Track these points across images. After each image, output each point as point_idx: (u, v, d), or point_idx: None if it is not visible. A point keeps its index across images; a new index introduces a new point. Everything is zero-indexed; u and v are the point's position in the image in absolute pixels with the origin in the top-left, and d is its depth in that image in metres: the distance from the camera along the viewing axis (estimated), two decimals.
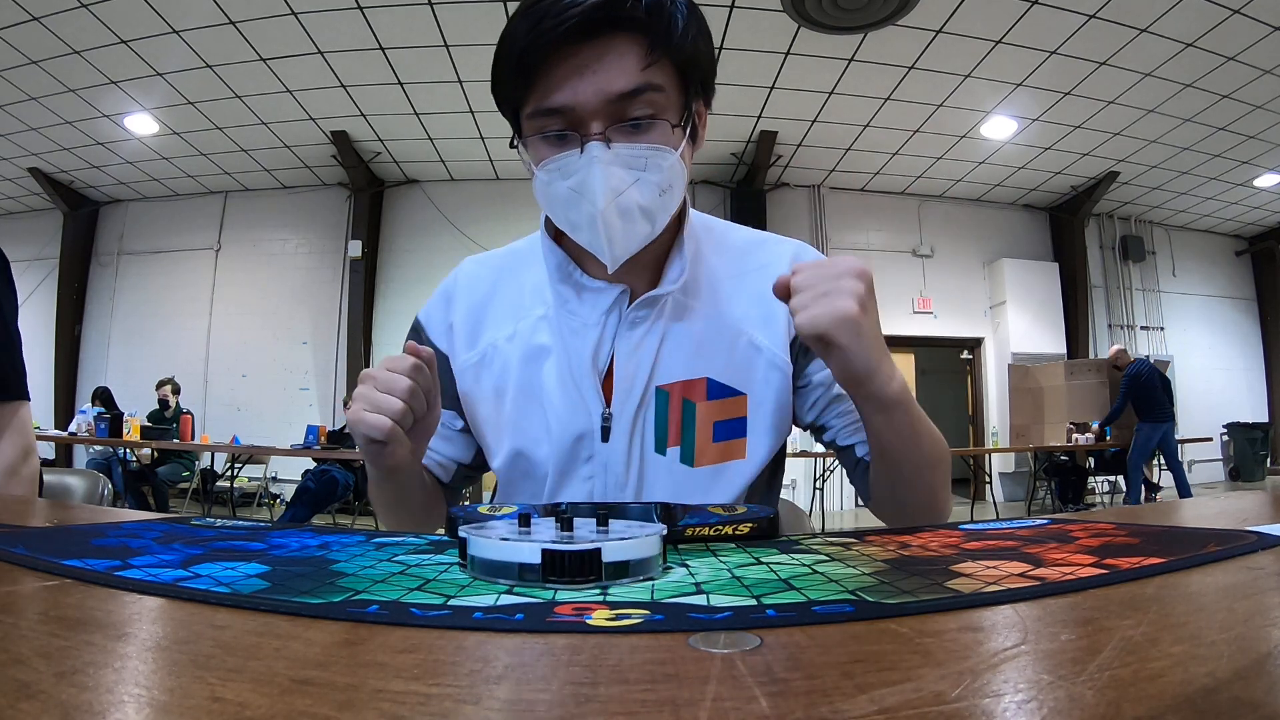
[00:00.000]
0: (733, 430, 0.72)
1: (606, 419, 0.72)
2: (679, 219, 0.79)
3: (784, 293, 0.60)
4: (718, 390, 0.72)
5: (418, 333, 0.82)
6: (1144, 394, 5.97)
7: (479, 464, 0.83)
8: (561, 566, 0.39)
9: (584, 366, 0.72)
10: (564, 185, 0.66)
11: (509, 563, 0.40)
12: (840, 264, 0.61)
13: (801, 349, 0.76)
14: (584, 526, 0.45)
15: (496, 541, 0.41)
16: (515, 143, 0.71)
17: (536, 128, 0.67)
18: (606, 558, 0.39)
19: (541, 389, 0.74)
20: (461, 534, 0.44)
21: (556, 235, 0.77)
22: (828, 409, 0.78)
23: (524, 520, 0.47)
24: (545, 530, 0.44)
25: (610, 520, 0.46)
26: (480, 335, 0.77)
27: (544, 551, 0.39)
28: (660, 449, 0.72)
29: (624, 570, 0.40)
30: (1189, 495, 6.17)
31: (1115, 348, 6.61)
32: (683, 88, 0.68)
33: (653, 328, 0.73)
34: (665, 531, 0.45)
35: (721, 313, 0.75)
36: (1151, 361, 6.47)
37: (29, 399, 1.14)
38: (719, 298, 0.77)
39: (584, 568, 0.39)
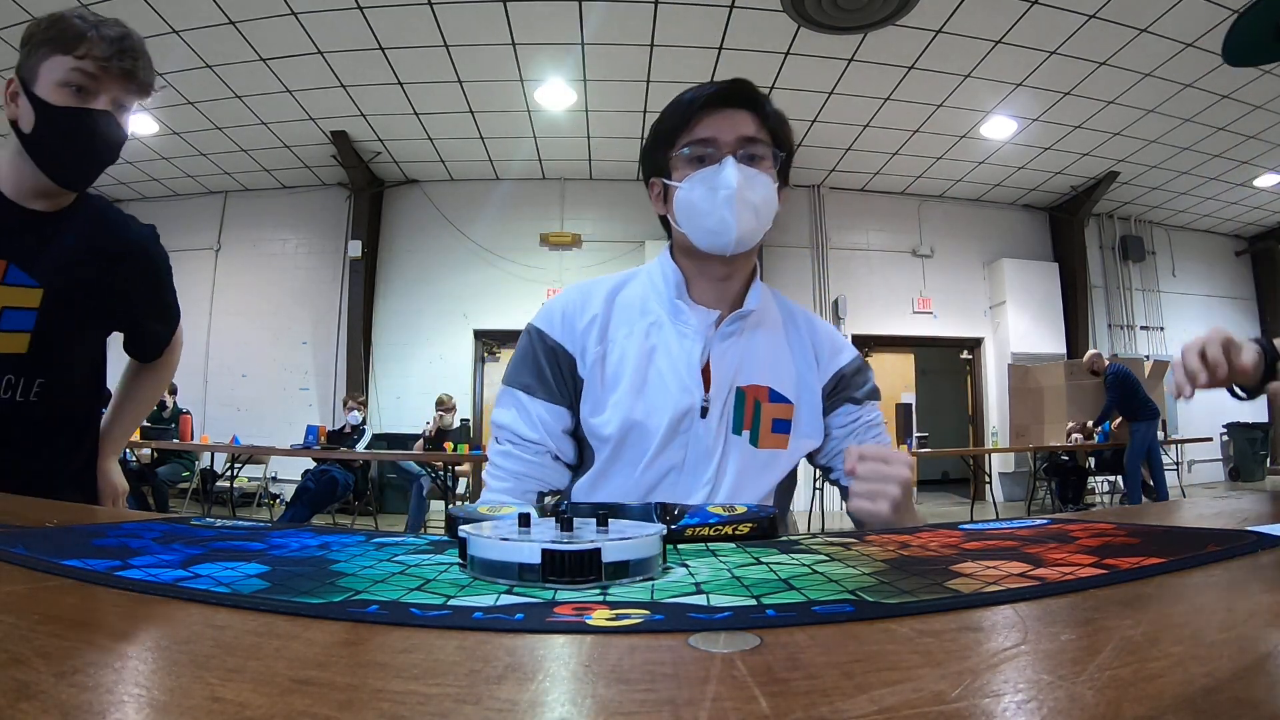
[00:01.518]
0: (782, 428, 0.98)
1: (705, 402, 0.94)
2: (757, 260, 1.08)
3: (850, 471, 0.82)
4: (776, 397, 0.98)
5: (541, 337, 1.01)
6: (1131, 394, 5.99)
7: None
8: (561, 566, 0.39)
9: (693, 362, 0.96)
10: (705, 187, 0.93)
11: (509, 563, 0.40)
12: (891, 470, 0.80)
13: (829, 396, 1.03)
14: (584, 527, 0.45)
15: (496, 541, 0.41)
16: (650, 179, 1.06)
17: (689, 155, 0.96)
18: (606, 558, 0.39)
19: (659, 375, 0.96)
20: (461, 534, 0.44)
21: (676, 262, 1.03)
22: (835, 457, 1.03)
23: (524, 520, 0.47)
24: (545, 530, 0.43)
25: (610, 520, 0.46)
26: (606, 333, 0.99)
27: (544, 551, 0.39)
28: (737, 430, 0.96)
29: (624, 570, 0.40)
30: (1165, 498, 6.18)
31: (1091, 352, 6.56)
32: (774, 155, 0.98)
33: (737, 342, 0.99)
34: (665, 531, 0.45)
35: (781, 345, 1.03)
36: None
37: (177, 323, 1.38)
38: (778, 335, 1.04)
39: (584, 568, 0.39)
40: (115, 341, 1.30)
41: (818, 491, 5.91)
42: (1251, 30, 0.90)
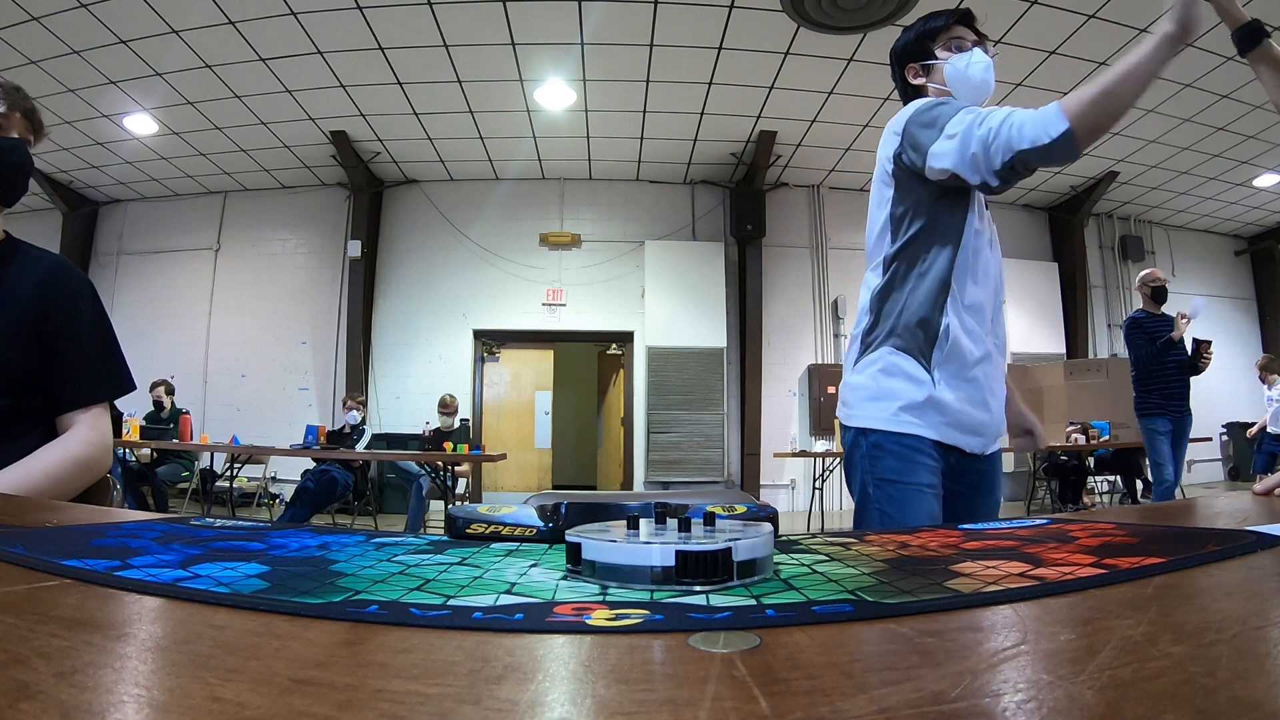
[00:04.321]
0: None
1: None
2: None
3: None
4: None
5: None
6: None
7: None
8: (696, 567, 0.38)
9: None
10: (981, 65, 1.39)
11: (641, 566, 0.39)
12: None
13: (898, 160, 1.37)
14: (695, 528, 0.45)
15: (627, 545, 0.40)
16: (911, 62, 1.44)
17: (960, 34, 1.41)
18: (737, 557, 0.39)
19: None
20: (573, 539, 0.43)
21: None
22: None
23: (632, 523, 0.46)
24: (664, 533, 0.43)
25: (716, 519, 0.46)
26: None
27: (678, 553, 0.38)
28: None
29: (751, 569, 0.40)
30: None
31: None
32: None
33: None
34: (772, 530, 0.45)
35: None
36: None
37: (107, 400, 1.26)
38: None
39: (717, 568, 0.39)
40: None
41: (817, 492, 5.91)
42: None
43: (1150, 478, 5.71)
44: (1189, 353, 4.59)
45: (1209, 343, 4.70)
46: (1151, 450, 4.65)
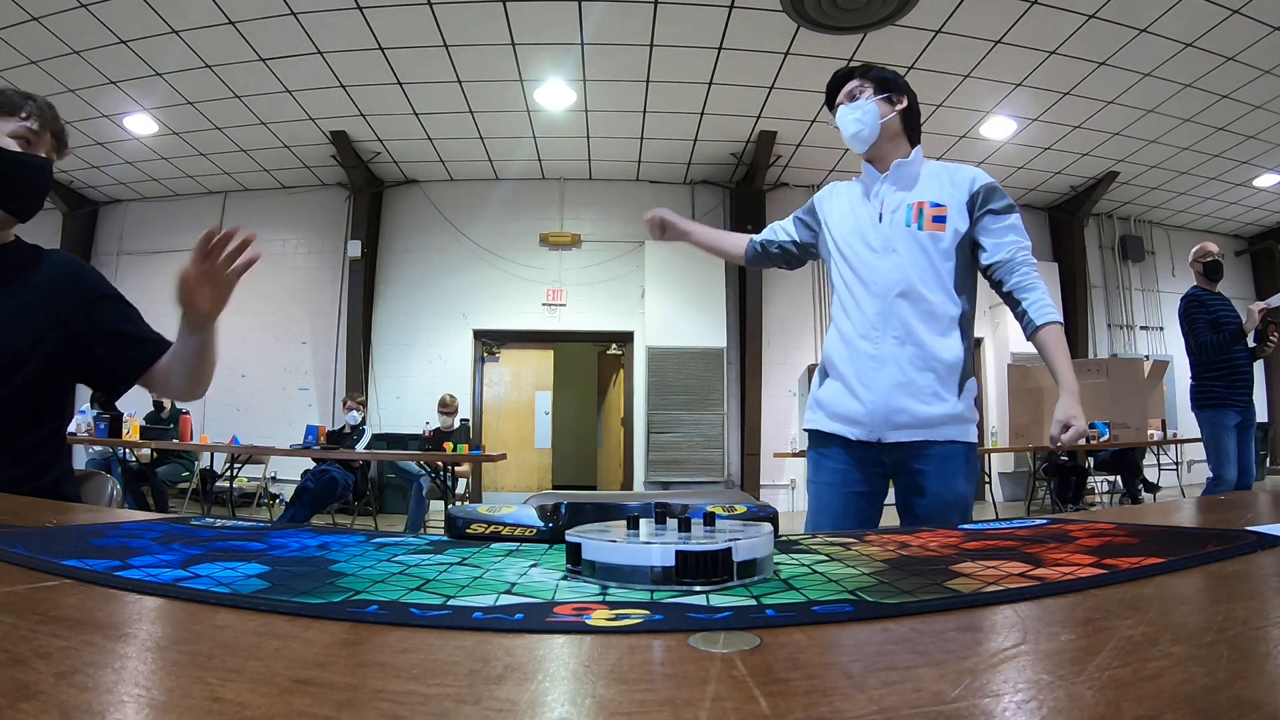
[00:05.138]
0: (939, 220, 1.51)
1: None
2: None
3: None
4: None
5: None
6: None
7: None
8: (696, 567, 0.38)
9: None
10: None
11: (641, 566, 0.39)
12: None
13: (976, 208, 1.54)
14: (695, 528, 0.44)
15: (627, 545, 0.40)
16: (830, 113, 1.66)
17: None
18: (737, 557, 0.39)
19: None
20: (572, 539, 0.43)
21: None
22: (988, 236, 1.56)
23: (632, 523, 0.46)
24: (664, 533, 0.43)
25: (717, 519, 0.46)
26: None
27: (678, 553, 0.38)
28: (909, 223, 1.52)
29: (751, 569, 0.40)
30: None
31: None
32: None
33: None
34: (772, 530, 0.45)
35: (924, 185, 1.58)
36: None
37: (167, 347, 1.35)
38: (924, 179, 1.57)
39: (717, 567, 0.39)
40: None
41: None
42: None
43: (1205, 474, 4.61)
44: (1255, 337, 3.97)
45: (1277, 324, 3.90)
46: (1216, 447, 3.91)
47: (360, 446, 5.46)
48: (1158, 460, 6.97)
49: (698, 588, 0.38)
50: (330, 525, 2.22)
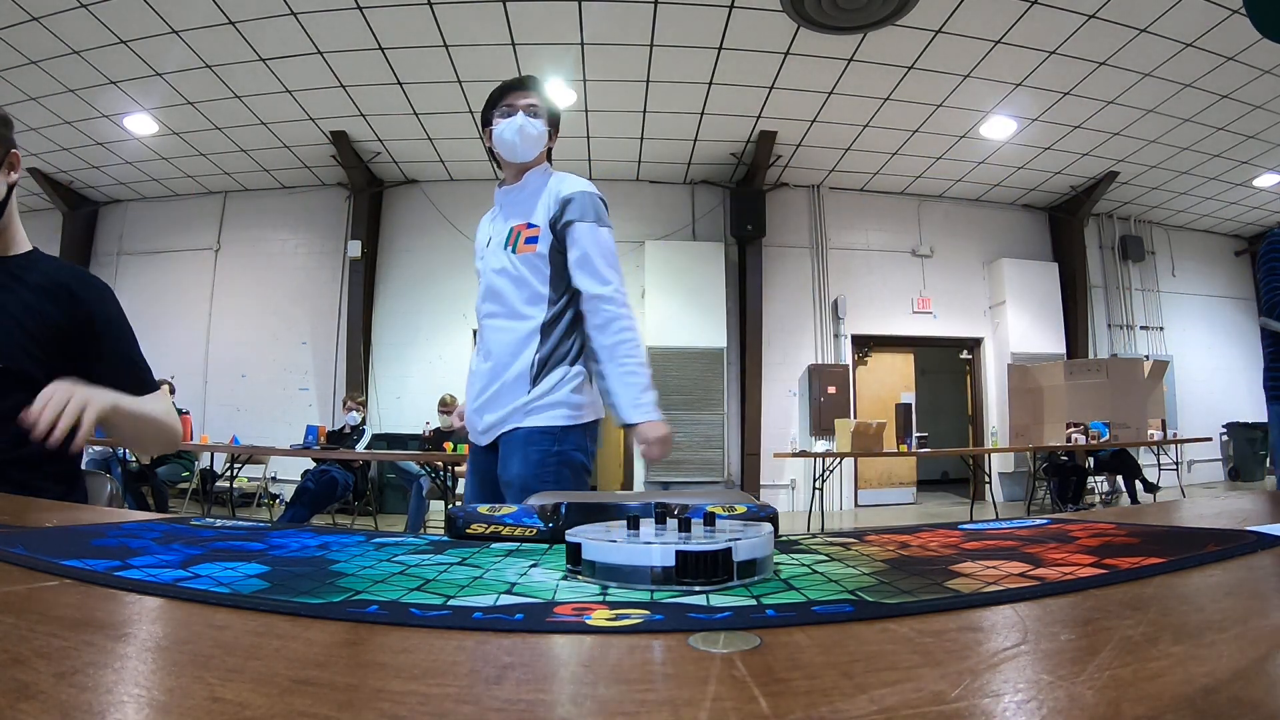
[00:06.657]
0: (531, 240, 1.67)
1: None
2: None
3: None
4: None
5: None
6: None
7: None
8: (696, 567, 0.38)
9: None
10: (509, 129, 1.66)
11: (641, 566, 0.39)
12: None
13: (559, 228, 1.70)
14: (695, 528, 0.44)
15: (627, 545, 0.40)
16: (483, 129, 1.72)
17: (501, 112, 1.68)
18: (738, 556, 0.39)
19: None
20: (573, 539, 0.43)
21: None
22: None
23: (633, 523, 0.46)
24: (665, 533, 0.43)
25: (717, 519, 0.46)
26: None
27: (678, 553, 0.38)
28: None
29: (751, 569, 0.40)
30: None
31: None
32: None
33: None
34: (772, 530, 0.45)
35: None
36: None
37: (155, 388, 1.34)
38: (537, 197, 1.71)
39: (717, 568, 0.39)
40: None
41: (817, 492, 5.91)
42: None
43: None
44: None
45: None
46: None
47: (360, 446, 5.46)
48: (1158, 460, 6.97)
49: (698, 588, 0.38)
50: (330, 525, 2.23)
